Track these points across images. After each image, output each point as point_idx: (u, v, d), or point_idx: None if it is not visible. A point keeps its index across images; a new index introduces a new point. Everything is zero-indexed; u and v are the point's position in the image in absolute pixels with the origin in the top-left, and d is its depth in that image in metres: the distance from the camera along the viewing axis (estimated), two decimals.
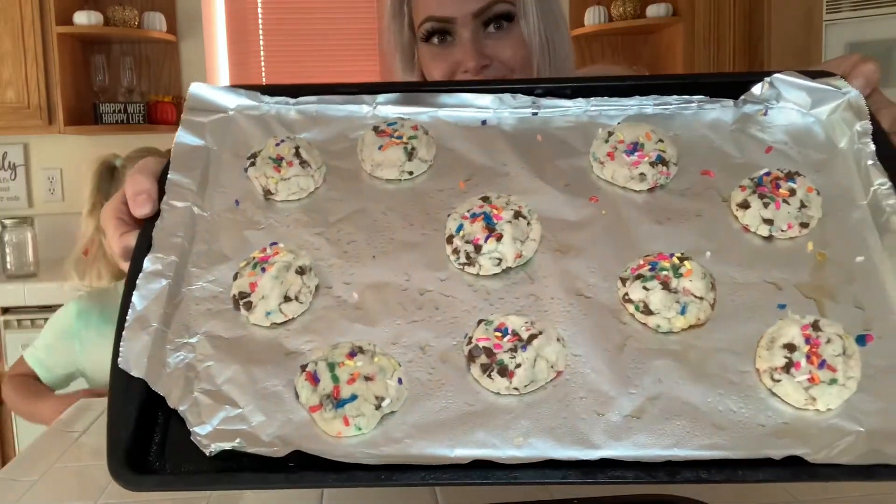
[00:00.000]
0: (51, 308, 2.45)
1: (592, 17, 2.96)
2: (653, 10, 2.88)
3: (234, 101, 0.69)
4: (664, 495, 0.72)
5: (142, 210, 0.60)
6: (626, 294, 0.56)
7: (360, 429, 0.49)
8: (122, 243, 0.61)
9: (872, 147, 0.61)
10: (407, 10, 1.02)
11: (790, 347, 0.51)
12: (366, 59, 3.22)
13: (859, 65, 0.67)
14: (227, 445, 0.49)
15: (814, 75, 0.67)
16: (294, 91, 0.70)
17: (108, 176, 1.43)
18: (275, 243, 0.59)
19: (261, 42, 3.17)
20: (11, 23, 2.56)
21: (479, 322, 0.54)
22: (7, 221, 2.58)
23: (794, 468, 0.48)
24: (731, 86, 0.69)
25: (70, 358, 1.39)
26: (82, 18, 2.65)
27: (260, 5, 3.16)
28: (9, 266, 2.54)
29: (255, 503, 0.80)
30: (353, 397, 0.49)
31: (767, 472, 0.48)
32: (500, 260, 0.58)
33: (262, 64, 3.18)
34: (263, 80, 3.17)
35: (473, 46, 0.96)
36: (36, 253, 2.59)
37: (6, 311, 2.42)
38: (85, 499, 0.79)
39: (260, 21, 3.17)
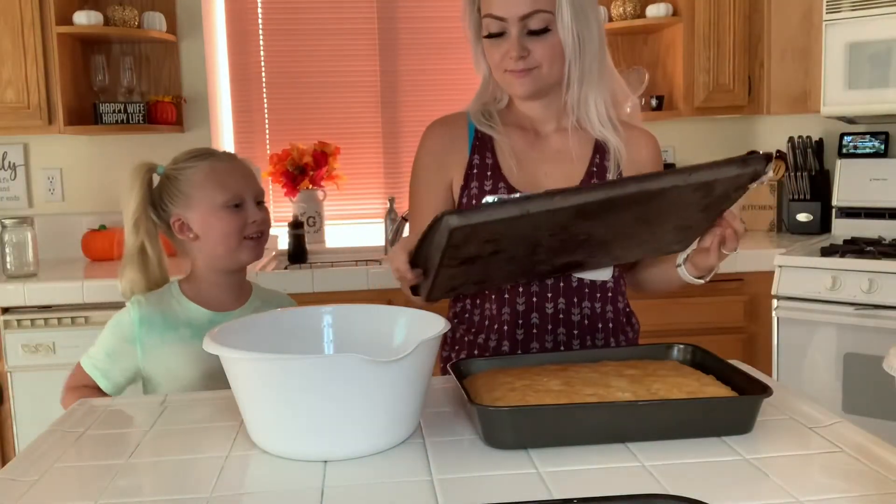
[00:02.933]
0: (50, 308, 2.45)
1: None
2: (653, 10, 2.88)
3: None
4: (663, 496, 0.72)
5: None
6: None
7: None
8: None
9: None
10: (476, 7, 1.33)
11: None
12: (366, 60, 3.22)
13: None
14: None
15: None
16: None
17: (150, 182, 1.41)
18: None
19: (261, 42, 3.17)
20: (11, 23, 2.56)
21: None
22: (7, 221, 2.58)
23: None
24: None
25: (132, 363, 1.37)
26: (82, 18, 2.65)
27: (260, 5, 3.16)
28: (9, 266, 2.54)
29: (254, 501, 0.80)
30: None
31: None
32: None
33: (262, 64, 3.18)
34: (263, 79, 3.17)
35: (517, 42, 1.27)
36: (36, 253, 2.59)
37: (6, 311, 2.42)
38: (85, 499, 0.79)
39: (260, 21, 3.17)
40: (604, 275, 1.33)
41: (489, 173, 1.33)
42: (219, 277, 1.42)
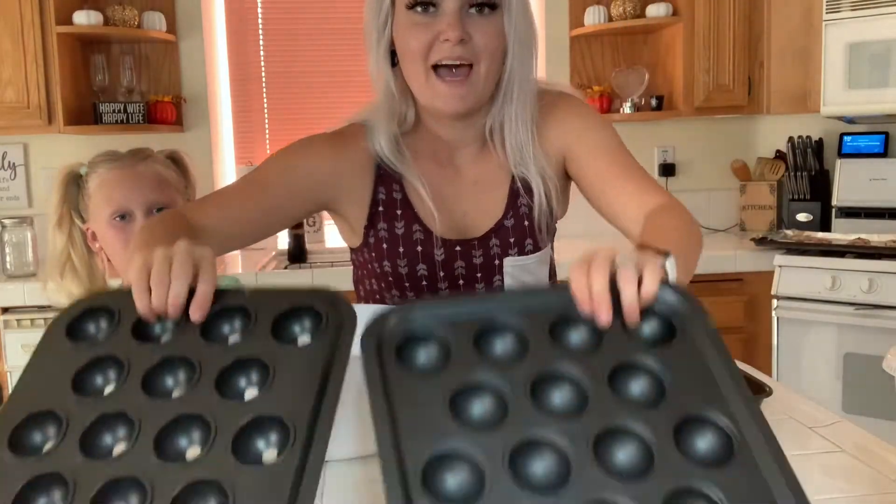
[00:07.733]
0: (50, 308, 2.44)
1: (592, 17, 2.96)
2: (653, 10, 2.88)
3: None
4: None
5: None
6: None
7: None
8: None
9: None
10: None
11: None
12: (366, 60, 3.21)
13: None
14: None
15: None
16: None
17: (74, 185, 1.35)
18: None
19: (261, 42, 3.17)
20: (11, 23, 2.56)
21: None
22: (7, 221, 2.58)
23: None
24: None
25: None
26: (82, 18, 2.65)
27: (260, 5, 3.16)
28: (8, 266, 2.55)
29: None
30: None
31: None
32: None
33: (262, 64, 3.17)
34: (263, 79, 3.17)
35: (457, 19, 0.99)
36: (36, 253, 2.59)
37: (6, 311, 2.42)
38: None
39: (260, 21, 3.16)
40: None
41: (399, 212, 1.11)
42: None
